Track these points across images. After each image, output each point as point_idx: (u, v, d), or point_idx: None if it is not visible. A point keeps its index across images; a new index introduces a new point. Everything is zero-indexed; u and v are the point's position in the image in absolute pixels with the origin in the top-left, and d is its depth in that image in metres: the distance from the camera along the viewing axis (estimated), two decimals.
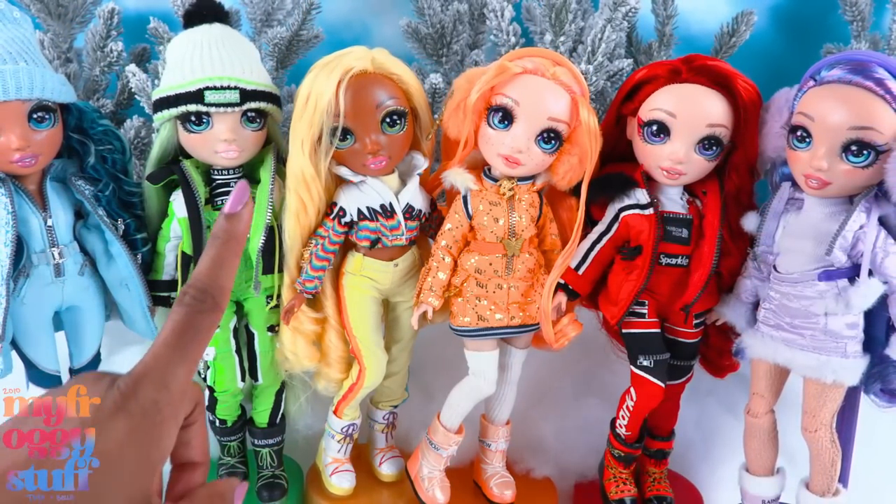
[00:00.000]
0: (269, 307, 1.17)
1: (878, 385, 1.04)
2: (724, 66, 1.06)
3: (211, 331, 0.49)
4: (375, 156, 1.06)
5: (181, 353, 0.47)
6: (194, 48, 1.07)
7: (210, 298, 0.49)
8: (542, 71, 1.04)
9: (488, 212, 1.09)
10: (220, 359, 1.17)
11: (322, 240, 1.11)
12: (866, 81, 0.93)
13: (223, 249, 0.51)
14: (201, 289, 0.49)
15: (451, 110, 1.07)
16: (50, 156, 1.06)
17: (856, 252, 0.98)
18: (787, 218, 1.04)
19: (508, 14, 1.31)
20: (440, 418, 1.19)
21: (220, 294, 0.50)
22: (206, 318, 0.49)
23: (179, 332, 0.48)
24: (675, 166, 1.06)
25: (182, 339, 0.48)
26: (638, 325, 1.14)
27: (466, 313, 1.11)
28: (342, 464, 1.24)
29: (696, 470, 1.35)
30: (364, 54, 1.06)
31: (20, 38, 1.05)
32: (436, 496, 1.19)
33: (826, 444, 1.07)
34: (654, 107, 1.06)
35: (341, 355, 1.20)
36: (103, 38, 1.39)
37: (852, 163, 0.95)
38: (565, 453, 1.34)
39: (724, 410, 1.37)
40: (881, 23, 1.41)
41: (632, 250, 1.11)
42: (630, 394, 1.15)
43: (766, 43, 1.51)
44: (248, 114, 1.08)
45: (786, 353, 1.05)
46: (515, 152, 1.05)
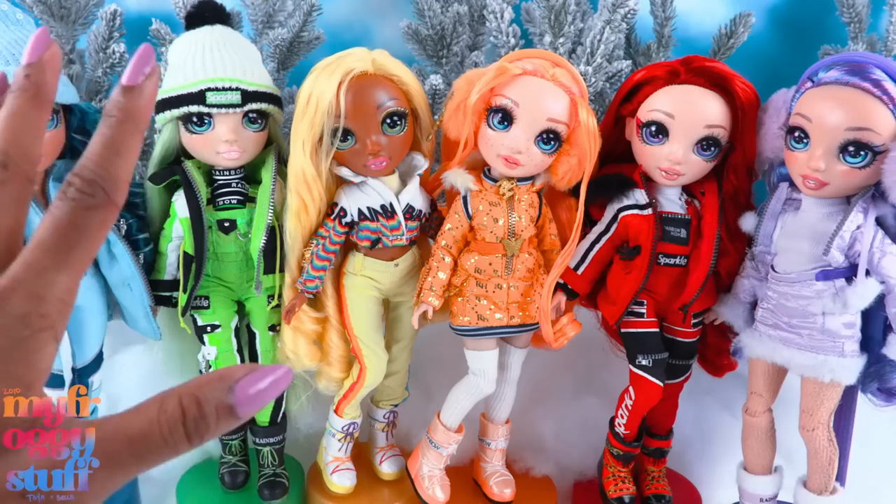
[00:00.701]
0: (270, 307, 1.17)
1: (875, 384, 1.05)
2: (722, 67, 1.06)
3: (102, 232, 0.40)
4: (376, 156, 1.06)
5: (62, 258, 0.39)
6: (196, 50, 1.08)
7: (101, 191, 0.40)
8: (541, 72, 1.05)
9: (488, 212, 1.10)
10: (222, 358, 1.17)
11: (323, 240, 1.12)
12: (863, 83, 0.94)
13: (118, 130, 0.41)
14: (89, 179, 0.40)
15: (451, 111, 1.08)
16: (53, 156, 1.06)
17: (853, 252, 0.98)
18: (785, 218, 1.04)
19: (508, 16, 1.31)
20: (440, 417, 1.19)
21: (112, 185, 0.40)
22: (96, 214, 0.40)
23: (60, 232, 0.39)
24: (673, 167, 1.07)
25: (64, 240, 0.39)
26: (636, 324, 1.14)
27: (466, 313, 1.12)
28: (343, 462, 1.25)
29: (694, 468, 1.35)
30: (365, 56, 1.06)
31: (23, 39, 1.05)
32: (436, 494, 1.20)
33: (824, 442, 1.07)
34: (652, 108, 1.06)
35: (342, 354, 1.21)
36: (105, 39, 1.39)
37: (849, 163, 0.95)
38: (564, 452, 1.34)
39: (722, 409, 1.37)
40: (878, 24, 1.41)
41: (630, 250, 1.12)
42: (629, 393, 1.16)
43: (763, 44, 1.51)
44: (249, 115, 1.08)
45: (783, 353, 1.05)
46: (515, 153, 1.05)
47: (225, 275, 1.16)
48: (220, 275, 1.15)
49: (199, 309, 1.16)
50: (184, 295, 1.13)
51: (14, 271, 0.38)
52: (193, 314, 1.16)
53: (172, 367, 1.31)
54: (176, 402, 0.38)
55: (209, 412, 0.38)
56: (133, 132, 0.41)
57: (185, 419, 0.38)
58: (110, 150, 0.41)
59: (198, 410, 0.38)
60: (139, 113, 0.42)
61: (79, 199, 0.39)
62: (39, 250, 0.39)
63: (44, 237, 0.39)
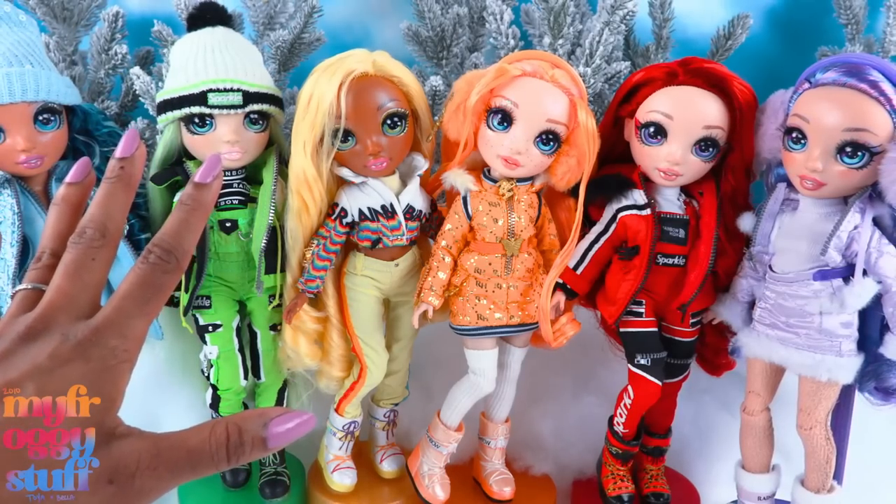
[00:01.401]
0: (271, 306, 1.18)
1: (873, 383, 1.05)
2: (720, 68, 1.06)
3: (169, 290, 0.51)
4: (376, 157, 1.07)
5: (141, 307, 0.49)
6: (198, 51, 1.08)
7: (174, 259, 0.51)
8: (540, 73, 1.05)
9: (488, 212, 1.10)
10: (223, 357, 1.18)
11: (324, 240, 1.12)
12: (861, 84, 0.94)
13: (190, 215, 0.52)
14: (167, 249, 0.51)
15: (451, 112, 1.08)
16: (55, 157, 1.07)
17: (850, 252, 0.99)
18: (783, 218, 1.04)
19: (507, 17, 1.31)
20: (440, 416, 1.20)
21: (182, 256, 0.51)
22: (169, 277, 0.50)
23: (143, 287, 0.49)
24: (671, 167, 1.07)
25: (144, 293, 0.49)
26: (635, 324, 1.15)
27: (466, 312, 1.13)
28: (343, 461, 1.25)
29: (692, 467, 1.35)
30: (365, 57, 1.07)
31: (26, 41, 1.06)
32: (436, 493, 1.20)
33: (821, 441, 1.08)
34: (651, 109, 1.07)
35: (343, 354, 1.21)
36: (108, 40, 1.40)
37: (847, 164, 0.95)
38: (564, 451, 1.35)
39: (720, 408, 1.37)
40: (875, 26, 1.41)
41: (629, 250, 1.12)
42: (627, 392, 1.16)
43: (761, 46, 1.51)
44: (250, 115, 1.09)
45: (781, 352, 1.05)
46: (514, 154, 1.06)
47: (226, 275, 1.16)
48: (222, 275, 1.16)
49: (200, 308, 1.16)
50: (185, 295, 1.13)
51: (107, 314, 0.48)
52: (195, 314, 1.17)
53: (174, 367, 1.31)
54: (223, 428, 0.47)
55: (247, 441, 0.47)
56: (201, 217, 0.53)
57: (229, 443, 0.47)
58: (183, 229, 0.52)
59: (239, 437, 0.47)
60: (206, 203, 0.53)
61: (158, 263, 0.50)
62: (127, 299, 0.49)
63: (131, 290, 0.49)
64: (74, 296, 0.49)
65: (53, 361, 0.45)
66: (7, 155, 1.03)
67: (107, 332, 0.47)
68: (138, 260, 0.50)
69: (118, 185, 0.53)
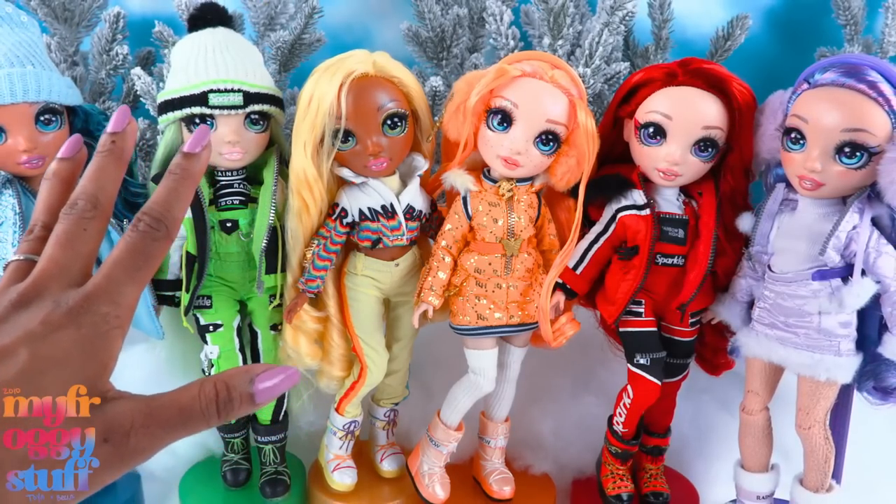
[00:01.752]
0: (271, 306, 1.18)
1: (871, 383, 1.05)
2: (719, 69, 1.07)
3: (159, 258, 0.51)
4: (377, 157, 1.07)
5: (132, 275, 0.50)
6: (198, 52, 1.08)
7: (164, 227, 0.51)
8: (540, 74, 1.05)
9: (487, 212, 1.10)
10: (224, 357, 1.18)
11: (324, 240, 1.12)
12: (859, 84, 0.94)
13: (179, 184, 0.53)
14: (157, 217, 0.51)
15: (451, 113, 1.08)
16: None
17: (849, 252, 0.99)
18: (782, 218, 1.04)
19: (507, 18, 1.32)
20: (440, 415, 1.20)
21: (172, 224, 0.52)
22: (159, 245, 0.51)
23: (133, 255, 0.50)
24: (671, 168, 1.07)
25: (134, 261, 0.50)
26: (635, 323, 1.15)
27: (466, 312, 1.13)
28: (344, 460, 1.26)
29: (691, 466, 1.36)
30: (365, 58, 1.07)
31: (27, 41, 1.06)
32: (436, 492, 1.21)
33: (820, 440, 1.08)
34: (650, 109, 1.07)
35: (343, 353, 1.22)
36: (109, 41, 1.40)
37: (845, 164, 0.96)
38: (563, 450, 1.35)
39: (719, 408, 1.38)
40: (874, 26, 1.42)
41: (629, 250, 1.13)
42: (627, 391, 1.17)
43: (760, 46, 1.52)
44: (251, 116, 1.09)
45: (780, 352, 1.06)
46: (514, 154, 1.06)
47: (227, 274, 1.16)
48: (223, 274, 1.16)
49: (201, 308, 1.17)
50: (186, 294, 1.14)
51: (97, 281, 0.49)
52: (196, 313, 1.17)
53: (175, 366, 1.32)
54: (212, 385, 0.48)
55: (235, 397, 0.48)
56: (189, 186, 0.53)
57: (218, 399, 0.48)
58: (172, 197, 0.52)
59: (227, 394, 0.48)
60: (195, 172, 0.54)
61: (148, 231, 0.51)
62: (117, 267, 0.49)
63: (120, 257, 0.50)
64: (66, 265, 0.50)
65: (45, 327, 0.46)
66: (9, 155, 1.03)
67: (98, 299, 0.48)
68: (128, 228, 0.51)
69: (109, 158, 0.54)
